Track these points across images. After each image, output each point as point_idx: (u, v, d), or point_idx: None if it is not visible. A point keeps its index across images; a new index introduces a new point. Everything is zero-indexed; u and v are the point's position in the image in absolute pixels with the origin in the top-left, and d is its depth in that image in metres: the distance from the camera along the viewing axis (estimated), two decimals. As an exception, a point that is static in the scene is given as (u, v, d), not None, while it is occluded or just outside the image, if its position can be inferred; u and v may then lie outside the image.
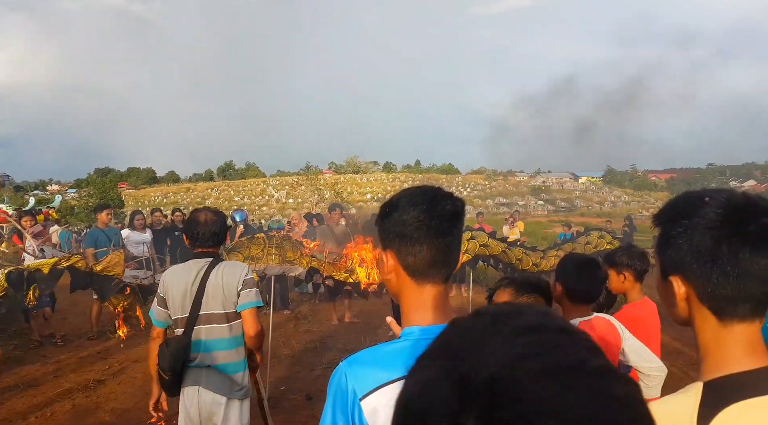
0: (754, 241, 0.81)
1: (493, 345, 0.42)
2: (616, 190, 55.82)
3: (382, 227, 1.20)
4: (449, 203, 1.17)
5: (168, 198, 55.26)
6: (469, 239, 7.59)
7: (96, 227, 7.39)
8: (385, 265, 1.20)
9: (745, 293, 0.83)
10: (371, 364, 1.08)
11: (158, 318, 2.76)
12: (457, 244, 1.20)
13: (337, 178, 59.31)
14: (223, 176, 76.70)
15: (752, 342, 0.86)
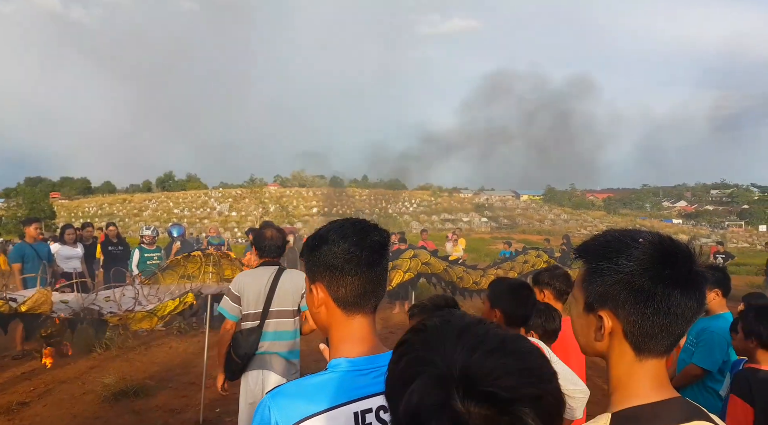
0: (684, 284, 0.87)
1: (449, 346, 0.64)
2: (556, 208, 58.18)
3: (311, 260, 1.21)
4: (377, 235, 1.21)
5: (103, 209, 52.55)
6: (411, 258, 7.73)
7: (24, 241, 6.95)
8: (315, 298, 1.20)
9: (669, 332, 0.89)
10: (296, 396, 1.09)
11: (232, 313, 3.27)
12: (384, 274, 1.23)
13: (282, 191, 58.53)
14: (162, 188, 73.99)
15: (659, 375, 0.92)
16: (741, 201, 76.93)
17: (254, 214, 43.79)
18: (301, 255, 1.29)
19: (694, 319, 0.91)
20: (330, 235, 1.19)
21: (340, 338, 1.19)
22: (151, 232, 8.48)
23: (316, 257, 1.19)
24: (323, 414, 1.07)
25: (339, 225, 1.22)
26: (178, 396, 5.44)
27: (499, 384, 0.59)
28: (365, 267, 1.17)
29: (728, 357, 3.12)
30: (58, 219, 34.59)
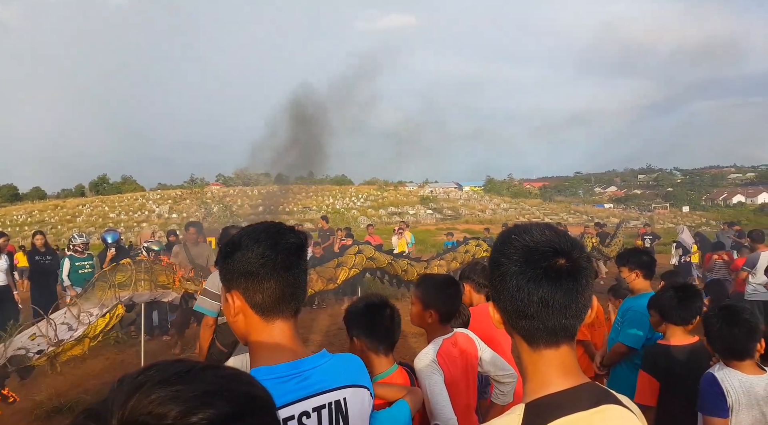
0: (548, 278, 0.91)
1: (116, 392, 0.55)
2: (496, 198, 59.85)
3: (225, 268, 1.17)
4: (293, 237, 1.19)
5: (33, 217, 49.22)
6: (356, 254, 7.74)
7: None
8: (231, 307, 1.16)
9: (542, 324, 0.92)
10: None
11: (212, 309, 3.46)
12: (303, 277, 1.21)
13: (226, 191, 56.94)
14: (96, 191, 70.25)
15: (564, 363, 0.94)
16: (666, 185, 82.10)
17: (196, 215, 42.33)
18: (215, 264, 1.26)
19: (569, 309, 0.93)
20: (243, 240, 1.17)
21: (259, 345, 1.17)
22: (83, 239, 8.07)
23: (230, 265, 1.16)
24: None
25: (252, 230, 1.20)
26: (116, 409, 5.20)
27: (158, 411, 0.51)
28: (281, 271, 1.14)
29: (652, 334, 3.32)
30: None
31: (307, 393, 1.13)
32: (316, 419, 1.13)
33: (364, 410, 1.24)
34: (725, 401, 2.06)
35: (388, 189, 58.54)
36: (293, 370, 1.14)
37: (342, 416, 1.18)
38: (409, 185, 66.30)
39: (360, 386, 1.25)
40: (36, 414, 4.89)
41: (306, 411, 1.12)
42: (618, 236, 12.86)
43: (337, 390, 1.18)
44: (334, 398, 1.17)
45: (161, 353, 7.00)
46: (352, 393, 1.21)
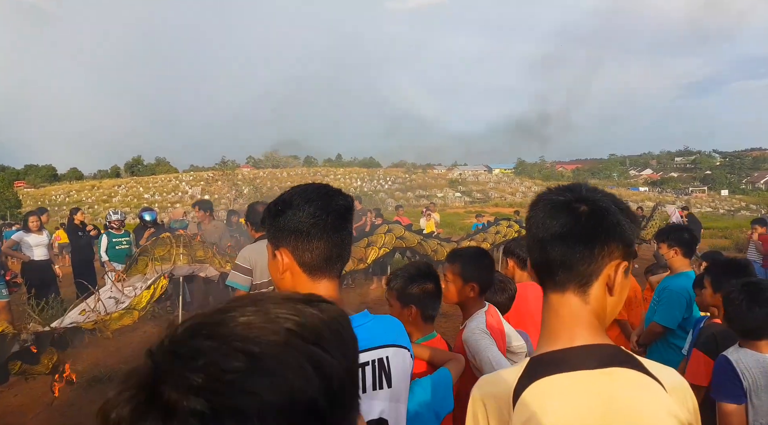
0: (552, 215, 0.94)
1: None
2: (527, 181, 58.98)
3: (275, 226, 1.19)
4: (342, 199, 1.20)
5: (71, 197, 51.03)
6: (386, 233, 7.75)
7: None
8: (279, 263, 1.18)
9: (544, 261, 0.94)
10: None
11: (244, 284, 3.55)
12: (349, 239, 1.22)
13: (256, 173, 57.72)
14: (131, 173, 72.20)
15: (580, 320, 0.92)
16: (704, 167, 79.33)
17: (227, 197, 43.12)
18: (262, 222, 1.27)
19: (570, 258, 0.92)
20: (294, 199, 1.17)
21: None
22: (119, 216, 8.29)
23: (280, 223, 1.17)
24: None
25: (302, 190, 1.20)
26: (153, 379, 5.38)
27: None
28: (331, 231, 1.16)
29: (689, 314, 3.22)
30: (24, 208, 33.55)
31: None
32: (360, 375, 1.15)
33: (405, 369, 1.25)
34: (740, 384, 1.97)
35: (416, 172, 58.33)
36: None
37: (385, 373, 1.19)
38: (437, 168, 65.93)
39: (401, 346, 1.26)
40: (78, 383, 5.09)
41: None
42: (654, 219, 12.54)
43: (380, 348, 1.20)
44: (377, 356, 1.19)
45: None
46: (393, 353, 1.22)
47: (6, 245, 7.38)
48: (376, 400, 1.16)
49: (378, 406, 1.16)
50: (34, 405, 4.75)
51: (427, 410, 1.70)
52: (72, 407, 4.69)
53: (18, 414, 4.61)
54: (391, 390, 1.19)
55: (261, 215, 3.85)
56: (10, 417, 4.58)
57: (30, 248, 7.38)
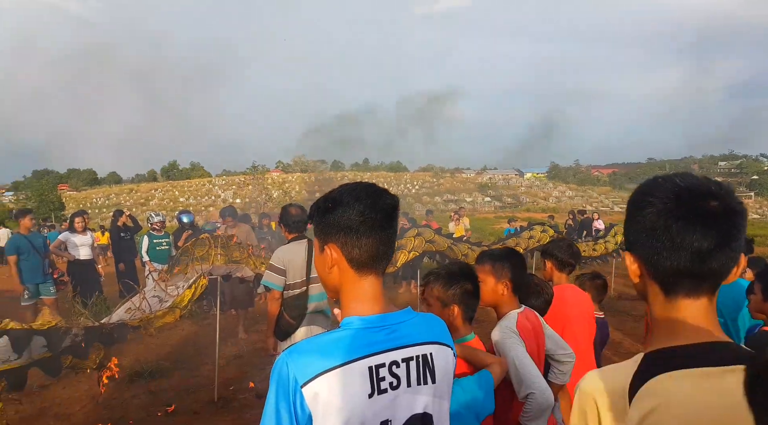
0: (687, 218, 0.88)
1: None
2: (561, 185, 57.88)
3: (324, 222, 1.23)
4: (389, 198, 1.24)
5: (110, 200, 52.78)
6: (415, 236, 7.73)
7: (18, 233, 6.98)
8: (328, 258, 1.22)
9: (684, 268, 0.89)
10: (312, 353, 1.12)
11: (278, 283, 3.78)
12: (394, 237, 1.26)
13: (285, 177, 58.45)
14: (167, 177, 74.06)
15: (701, 316, 0.91)
16: (750, 172, 76.06)
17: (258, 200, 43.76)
18: (309, 218, 1.31)
19: (712, 255, 0.89)
20: (344, 197, 1.21)
21: (352, 297, 1.23)
22: (161, 218, 8.57)
23: (329, 219, 1.21)
24: (339, 369, 1.11)
25: (352, 188, 1.24)
26: (192, 376, 5.55)
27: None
28: (379, 229, 1.20)
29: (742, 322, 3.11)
30: (67, 210, 34.80)
31: (397, 344, 1.18)
32: (405, 369, 1.17)
33: (448, 367, 1.27)
34: None
35: (444, 176, 57.99)
36: (383, 322, 1.19)
37: (429, 369, 1.21)
38: (466, 172, 65.27)
39: (445, 344, 1.28)
40: (121, 378, 5.29)
41: (395, 360, 1.16)
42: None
43: (424, 345, 1.22)
44: (422, 351, 1.21)
45: (232, 327, 7.34)
46: (437, 350, 1.24)
47: (53, 245, 7.70)
48: (421, 395, 1.18)
49: (422, 401, 1.19)
50: (81, 398, 4.96)
51: (467, 410, 1.71)
52: (116, 400, 4.88)
53: (66, 406, 4.82)
54: (435, 386, 1.21)
55: (294, 217, 3.95)
56: (59, 408, 4.79)
57: (75, 247, 7.69)
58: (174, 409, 4.68)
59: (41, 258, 6.83)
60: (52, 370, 3.85)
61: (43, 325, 3.82)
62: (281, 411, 1.09)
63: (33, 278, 6.73)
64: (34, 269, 6.74)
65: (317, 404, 1.08)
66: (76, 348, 3.89)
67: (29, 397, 4.91)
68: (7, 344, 3.63)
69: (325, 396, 1.08)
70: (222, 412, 4.63)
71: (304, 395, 1.08)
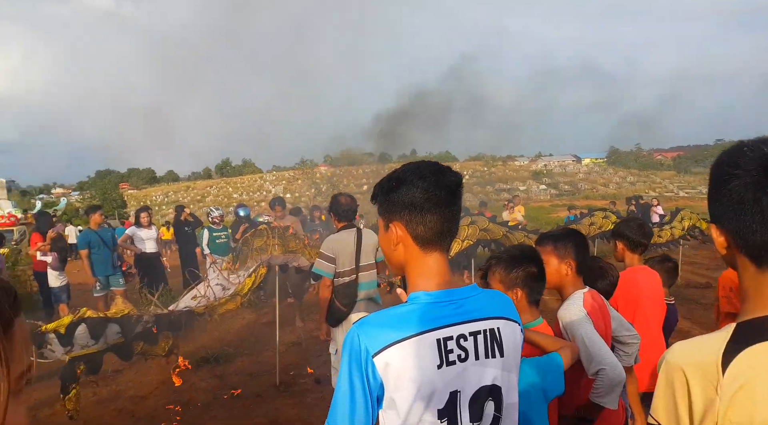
0: None
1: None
2: (621, 171, 55.59)
3: (388, 200, 1.26)
4: (453, 175, 1.26)
5: (169, 197, 55.28)
6: (469, 225, 7.62)
7: (89, 228, 7.40)
8: (393, 235, 1.25)
9: None
10: (381, 325, 1.16)
11: (329, 271, 3.88)
12: (458, 214, 1.27)
13: (333, 171, 59.17)
14: (220, 174, 76.72)
15: None
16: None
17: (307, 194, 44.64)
18: (372, 199, 1.33)
19: None
20: (408, 176, 1.24)
21: (417, 274, 1.25)
22: (220, 212, 8.90)
23: (394, 197, 1.24)
24: (408, 340, 1.13)
25: (415, 167, 1.26)
26: (254, 361, 5.76)
27: None
28: (443, 206, 1.22)
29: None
30: (129, 208, 36.76)
31: (464, 318, 1.20)
32: (472, 342, 1.19)
33: (516, 342, 1.27)
34: None
35: (495, 164, 56.93)
36: (449, 297, 1.21)
37: (497, 343, 1.22)
38: (519, 160, 63.67)
39: (512, 320, 1.28)
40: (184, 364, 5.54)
41: (463, 334, 1.18)
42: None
43: (491, 319, 1.23)
44: (489, 326, 1.22)
45: (289, 315, 7.53)
46: (504, 324, 1.25)
47: (121, 240, 8.14)
48: (489, 367, 1.20)
49: (491, 373, 1.20)
50: (152, 382, 5.23)
51: (535, 389, 1.70)
52: (184, 384, 5.10)
53: (138, 389, 5.10)
54: (503, 360, 1.22)
55: (343, 206, 4.06)
56: (132, 391, 5.07)
57: (142, 241, 8.09)
58: (239, 392, 4.86)
59: (110, 252, 7.22)
60: (125, 355, 4.08)
61: (117, 313, 4.05)
62: (354, 379, 1.13)
63: (103, 270, 7.13)
64: (104, 262, 7.14)
65: (388, 373, 1.12)
66: (147, 334, 4.10)
67: (104, 381, 5.24)
68: (85, 331, 3.87)
69: (396, 365, 1.11)
70: (284, 395, 4.78)
71: (375, 364, 1.12)
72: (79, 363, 3.77)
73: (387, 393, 1.13)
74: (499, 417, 1.22)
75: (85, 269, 7.06)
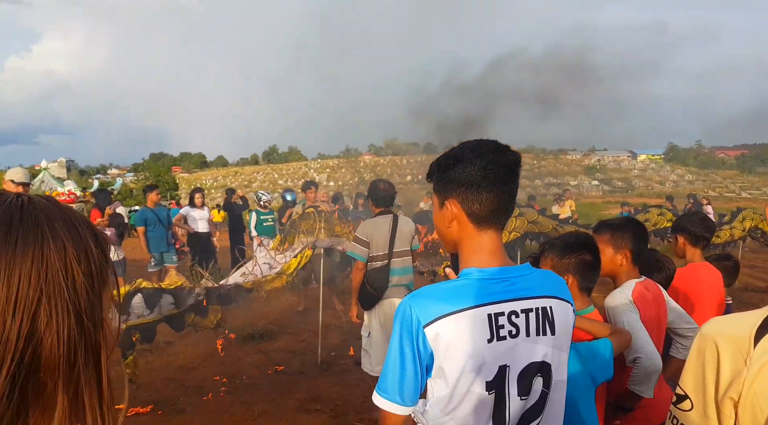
0: None
1: None
2: (679, 168, 53.12)
3: (444, 178, 1.26)
4: (511, 154, 1.25)
5: (218, 181, 57.06)
6: (517, 217, 7.47)
7: (146, 206, 7.71)
8: (448, 212, 1.25)
9: None
10: (433, 298, 1.18)
11: (362, 255, 3.95)
12: (515, 193, 1.27)
13: (377, 160, 59.33)
14: (267, 160, 78.48)
15: None
16: None
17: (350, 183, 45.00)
18: (428, 177, 1.34)
19: None
20: (465, 154, 1.24)
21: (471, 250, 1.26)
22: (269, 197, 9.13)
23: (450, 175, 1.25)
24: (459, 313, 1.15)
25: (473, 145, 1.26)
26: (297, 340, 5.91)
27: None
28: (500, 184, 1.22)
29: None
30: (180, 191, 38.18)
31: (516, 295, 1.20)
32: (524, 319, 1.19)
33: (568, 322, 1.27)
34: None
35: (546, 158, 55.51)
36: (502, 275, 1.22)
37: (548, 321, 1.22)
38: (571, 153, 61.77)
39: (564, 299, 1.28)
40: (234, 339, 5.74)
41: (514, 310, 1.18)
42: None
43: (543, 298, 1.23)
44: (541, 304, 1.22)
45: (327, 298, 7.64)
46: (557, 304, 1.25)
47: (176, 219, 8.46)
48: (540, 344, 1.20)
49: (541, 350, 1.21)
50: (201, 354, 5.45)
51: (583, 373, 1.70)
52: (230, 357, 5.31)
53: (189, 360, 5.33)
54: (554, 338, 1.22)
55: (381, 192, 4.10)
56: (182, 362, 5.30)
57: (195, 221, 8.40)
58: (282, 369, 5.02)
59: (165, 229, 7.53)
60: (177, 325, 4.26)
61: (171, 285, 4.25)
62: (405, 348, 1.16)
63: (158, 247, 7.45)
64: (159, 239, 7.45)
65: (438, 343, 1.14)
66: (198, 306, 4.27)
67: (157, 351, 5.49)
68: (141, 301, 4.08)
69: (446, 337, 1.13)
70: (325, 374, 4.89)
71: (426, 335, 1.14)
72: (134, 331, 3.97)
73: (436, 362, 1.15)
74: (547, 393, 1.22)
75: (141, 246, 7.39)
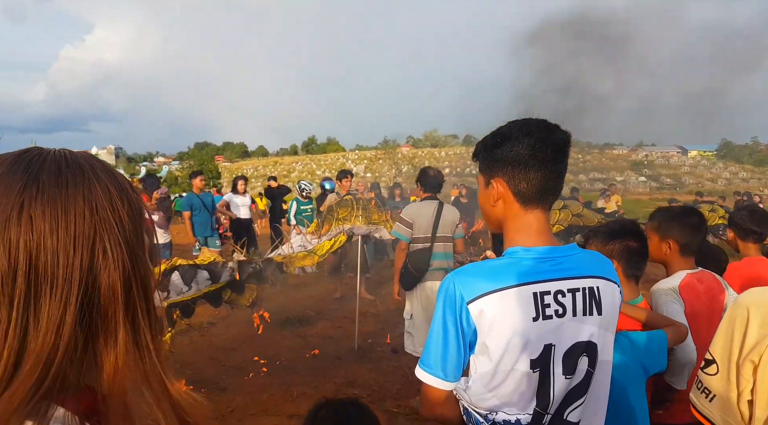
0: None
1: None
2: (733, 165, 50.66)
3: (491, 157, 1.24)
4: (561, 133, 1.22)
5: (258, 171, 58.19)
6: (561, 209, 7.29)
7: (191, 192, 7.93)
8: (494, 191, 1.23)
9: None
10: (477, 275, 1.16)
11: (405, 235, 4.05)
12: (564, 173, 1.24)
13: (415, 152, 59.05)
14: (306, 151, 79.44)
15: None
16: None
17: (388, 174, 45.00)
18: (474, 156, 1.32)
19: None
20: (513, 132, 1.22)
21: (516, 230, 1.24)
22: (311, 187, 9.24)
23: (497, 154, 1.23)
24: (504, 291, 1.13)
25: (522, 123, 1.24)
26: (334, 326, 5.98)
27: None
28: (548, 163, 1.19)
29: None
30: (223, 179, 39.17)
31: (562, 275, 1.18)
32: (570, 299, 1.17)
33: (615, 303, 1.25)
34: None
35: (591, 152, 53.91)
36: (548, 254, 1.19)
37: (595, 301, 1.20)
38: (617, 148, 59.77)
39: (611, 280, 1.25)
40: (271, 322, 5.84)
41: (561, 290, 1.16)
42: None
43: (590, 278, 1.21)
44: (588, 284, 1.20)
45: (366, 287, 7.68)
46: (604, 284, 1.23)
47: (219, 205, 8.68)
48: (586, 324, 1.18)
49: (588, 330, 1.18)
50: (240, 336, 5.59)
51: (634, 362, 1.67)
52: (269, 340, 5.42)
53: (229, 341, 5.47)
54: (601, 318, 1.20)
55: (430, 178, 4.14)
56: (223, 342, 5.46)
57: (237, 207, 8.61)
58: (319, 353, 5.09)
59: (210, 215, 7.74)
60: (214, 301, 4.41)
61: (205, 260, 4.40)
62: (448, 323, 1.15)
63: (203, 231, 7.66)
64: (204, 224, 7.66)
65: (482, 320, 1.12)
66: (234, 283, 4.39)
67: (200, 331, 5.67)
68: (179, 278, 4.22)
69: (490, 314, 1.12)
70: (362, 360, 4.93)
71: (470, 311, 1.13)
72: (175, 309, 4.10)
73: (480, 338, 1.14)
74: (592, 373, 1.20)
75: (187, 230, 7.61)
